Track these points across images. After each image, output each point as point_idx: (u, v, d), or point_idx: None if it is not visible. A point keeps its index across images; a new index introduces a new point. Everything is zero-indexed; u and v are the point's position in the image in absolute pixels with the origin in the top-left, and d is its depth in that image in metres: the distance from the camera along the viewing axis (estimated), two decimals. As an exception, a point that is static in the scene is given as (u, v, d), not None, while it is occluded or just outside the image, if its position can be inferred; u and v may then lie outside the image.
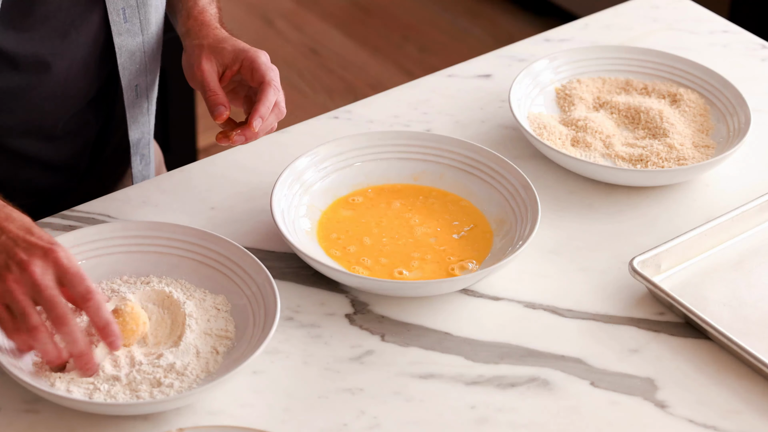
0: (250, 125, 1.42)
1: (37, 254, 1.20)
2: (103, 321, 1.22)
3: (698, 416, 1.27)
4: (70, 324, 1.20)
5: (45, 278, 1.20)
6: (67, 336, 1.21)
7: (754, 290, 1.40)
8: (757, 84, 1.73)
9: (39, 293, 1.20)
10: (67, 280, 1.21)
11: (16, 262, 1.20)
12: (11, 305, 1.20)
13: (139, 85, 1.56)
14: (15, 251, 1.21)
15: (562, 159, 1.54)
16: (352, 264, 1.41)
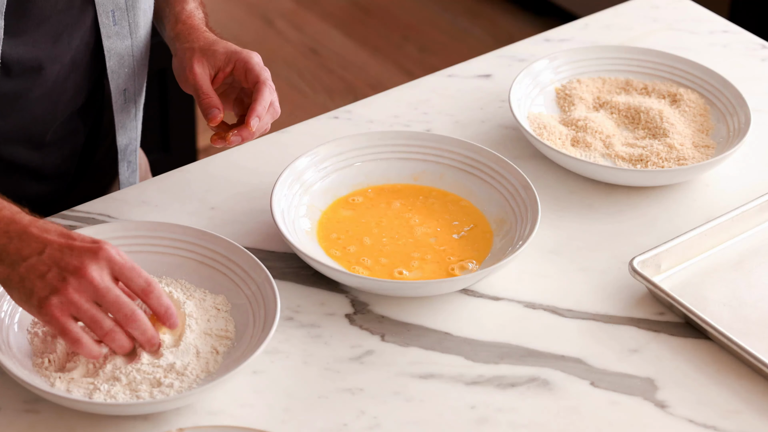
0: (247, 125, 1.42)
1: (89, 258, 1.20)
2: (164, 308, 1.24)
3: (698, 416, 1.27)
4: (139, 319, 1.22)
5: (104, 280, 1.20)
6: (139, 329, 1.22)
7: (754, 290, 1.40)
8: (757, 84, 1.73)
9: (102, 297, 1.19)
10: (125, 276, 1.21)
11: (71, 271, 1.19)
12: (78, 315, 1.20)
13: (128, 89, 1.55)
14: (66, 261, 1.20)
15: (562, 159, 1.54)
16: (352, 264, 1.41)
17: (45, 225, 1.23)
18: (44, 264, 1.20)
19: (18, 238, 1.22)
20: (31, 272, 1.20)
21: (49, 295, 1.19)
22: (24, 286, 1.20)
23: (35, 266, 1.20)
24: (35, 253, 1.21)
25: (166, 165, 1.82)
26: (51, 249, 1.21)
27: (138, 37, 1.53)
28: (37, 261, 1.20)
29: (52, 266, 1.20)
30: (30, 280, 1.20)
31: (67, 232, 1.23)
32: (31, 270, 1.20)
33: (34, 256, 1.21)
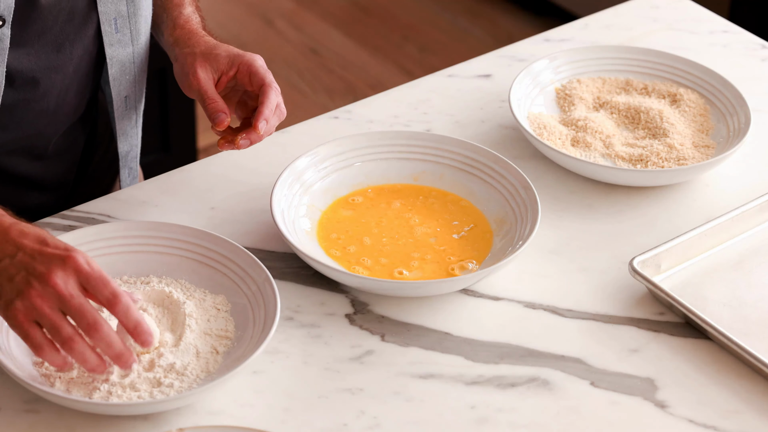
0: (255, 128, 1.42)
1: (56, 264, 1.19)
2: (133, 322, 1.21)
3: (698, 416, 1.27)
4: (103, 329, 1.19)
5: (68, 287, 1.18)
6: (102, 341, 1.19)
7: (754, 290, 1.40)
8: (757, 84, 1.73)
9: (65, 304, 1.18)
10: (90, 286, 1.19)
11: (36, 276, 1.18)
12: (40, 321, 1.19)
13: (129, 96, 1.55)
14: (33, 266, 1.19)
15: (562, 159, 1.54)
16: (352, 264, 1.41)
17: (25, 229, 1.23)
18: (14, 267, 1.20)
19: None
20: (2, 275, 1.20)
21: (14, 299, 1.19)
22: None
23: (6, 269, 1.20)
24: (7, 256, 1.20)
25: (166, 165, 1.82)
26: (23, 253, 1.20)
27: (139, 44, 1.53)
28: (8, 264, 1.20)
29: (21, 270, 1.19)
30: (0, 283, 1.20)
31: (44, 238, 1.21)
32: (2, 273, 1.20)
33: (6, 259, 1.20)
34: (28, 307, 1.18)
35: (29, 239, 1.21)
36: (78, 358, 1.20)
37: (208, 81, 1.46)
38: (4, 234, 1.22)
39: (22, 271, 1.19)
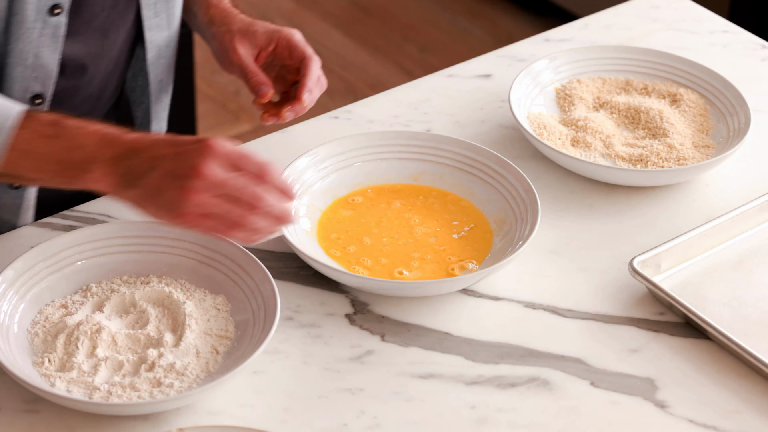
0: (299, 100, 1.46)
1: (198, 157, 1.22)
2: (283, 183, 1.26)
3: (698, 416, 1.27)
4: (264, 196, 1.24)
5: (219, 174, 1.22)
6: (267, 206, 1.25)
7: (754, 290, 1.40)
8: (757, 84, 1.73)
9: (223, 188, 1.22)
10: (238, 164, 1.24)
11: (186, 176, 1.22)
12: (209, 212, 1.23)
13: (163, 80, 1.58)
14: (178, 169, 1.22)
15: (562, 159, 1.54)
16: (352, 264, 1.41)
17: (153, 137, 1.26)
18: (162, 177, 1.23)
19: (132, 157, 1.24)
20: (154, 188, 1.23)
21: (178, 206, 1.22)
22: (154, 202, 1.24)
23: (156, 181, 1.23)
24: (151, 169, 1.23)
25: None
26: (163, 161, 1.23)
27: (172, 28, 1.55)
28: (155, 176, 1.23)
29: (169, 177, 1.23)
30: (156, 196, 1.23)
31: (173, 140, 1.25)
32: (153, 186, 1.23)
33: (151, 172, 1.23)
34: (195, 206, 1.22)
35: (162, 146, 1.25)
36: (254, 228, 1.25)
37: (248, 56, 1.49)
38: (136, 149, 1.25)
39: (171, 179, 1.23)
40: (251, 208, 1.24)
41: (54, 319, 1.32)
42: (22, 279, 1.33)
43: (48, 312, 1.33)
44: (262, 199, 1.24)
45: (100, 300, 1.34)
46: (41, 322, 1.31)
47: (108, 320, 1.31)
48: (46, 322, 1.31)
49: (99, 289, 1.35)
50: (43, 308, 1.33)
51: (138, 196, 1.24)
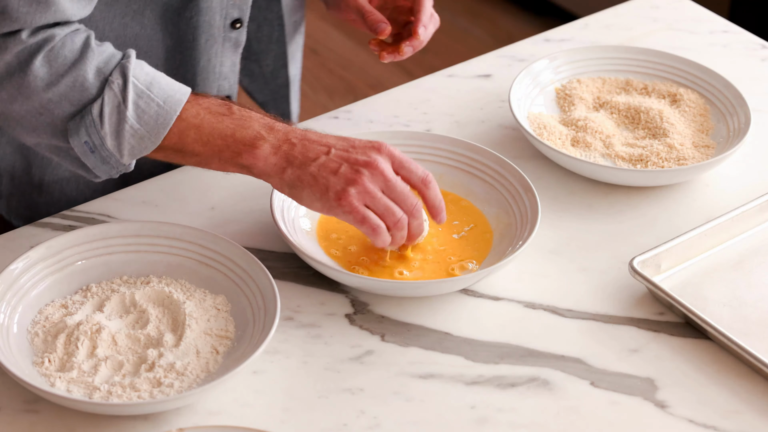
0: (415, 35, 1.51)
1: (375, 152, 1.31)
2: (438, 201, 1.35)
3: (698, 416, 1.27)
4: (420, 210, 1.33)
5: (391, 172, 1.30)
6: (418, 220, 1.33)
7: (754, 290, 1.40)
8: (757, 84, 1.73)
9: (392, 188, 1.31)
10: (404, 170, 1.33)
11: (361, 164, 1.29)
12: (372, 204, 1.30)
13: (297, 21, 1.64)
14: (354, 157, 1.30)
15: (562, 159, 1.54)
16: (351, 264, 1.41)
17: (320, 133, 1.34)
18: (334, 162, 1.29)
19: (301, 143, 1.32)
20: (323, 170, 1.29)
21: (345, 188, 1.29)
22: (318, 183, 1.30)
23: (326, 164, 1.30)
24: (323, 154, 1.31)
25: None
26: (336, 149, 1.31)
27: None
28: (326, 160, 1.30)
29: (343, 163, 1.29)
30: (323, 177, 1.30)
31: (342, 137, 1.34)
32: (323, 168, 1.29)
33: (322, 156, 1.31)
34: (361, 193, 1.29)
35: (332, 139, 1.33)
36: (401, 235, 1.33)
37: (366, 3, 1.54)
38: (306, 137, 1.33)
39: (345, 164, 1.29)
40: (410, 214, 1.31)
41: (54, 319, 1.32)
42: (22, 279, 1.33)
43: (48, 312, 1.33)
44: (419, 211, 1.32)
45: (100, 300, 1.34)
46: (41, 322, 1.32)
47: (108, 320, 1.31)
48: (46, 322, 1.31)
49: (99, 289, 1.35)
50: (43, 308, 1.33)
51: (300, 176, 1.30)
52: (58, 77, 1.30)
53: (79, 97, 1.31)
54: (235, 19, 1.49)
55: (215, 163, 1.34)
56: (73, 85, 1.30)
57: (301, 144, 1.32)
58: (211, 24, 1.47)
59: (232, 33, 1.50)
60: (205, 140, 1.32)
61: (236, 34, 1.50)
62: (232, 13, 1.48)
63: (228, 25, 1.49)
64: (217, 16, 1.47)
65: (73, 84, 1.30)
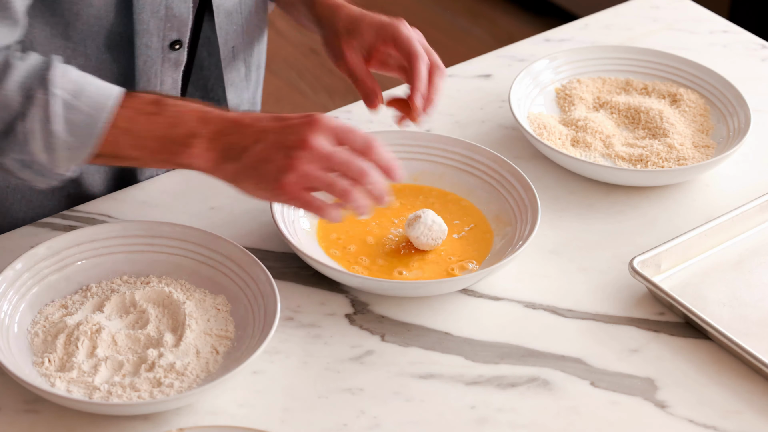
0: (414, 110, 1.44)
1: (307, 130, 1.25)
2: (387, 161, 1.27)
3: (698, 416, 1.27)
4: (371, 171, 1.26)
5: (328, 146, 1.24)
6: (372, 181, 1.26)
7: (754, 290, 1.40)
8: (757, 84, 1.73)
9: (331, 161, 1.24)
10: (344, 139, 1.26)
11: (295, 147, 1.24)
12: (314, 184, 1.24)
13: (236, 47, 1.57)
14: (287, 140, 1.25)
15: (562, 159, 1.54)
16: (351, 264, 1.41)
17: (255, 115, 1.28)
18: (268, 149, 1.25)
19: (235, 132, 1.26)
20: (259, 160, 1.25)
21: (282, 174, 1.24)
22: (256, 174, 1.25)
23: (261, 153, 1.25)
24: (256, 142, 1.26)
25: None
26: (269, 134, 1.25)
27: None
28: (261, 148, 1.25)
29: (276, 148, 1.24)
30: (260, 167, 1.25)
31: (276, 115, 1.28)
32: (258, 157, 1.25)
33: (256, 145, 1.25)
34: (300, 177, 1.24)
35: (266, 121, 1.27)
36: (357, 203, 1.26)
37: (357, 61, 1.47)
38: (239, 124, 1.27)
39: (279, 149, 1.24)
40: (355, 183, 1.25)
41: (54, 319, 1.32)
42: (22, 279, 1.33)
43: (48, 312, 1.33)
44: (367, 174, 1.25)
45: (100, 300, 1.34)
46: (41, 322, 1.31)
47: (108, 320, 1.31)
48: (46, 322, 1.31)
49: (99, 289, 1.35)
50: (43, 308, 1.33)
51: (238, 169, 1.26)
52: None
53: (3, 115, 1.27)
54: (174, 40, 1.45)
55: (155, 165, 1.30)
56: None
57: (236, 132, 1.27)
58: (149, 46, 1.44)
59: (171, 54, 1.46)
60: (139, 144, 1.28)
61: (176, 54, 1.46)
62: (170, 35, 1.44)
63: (167, 46, 1.45)
64: (155, 38, 1.44)
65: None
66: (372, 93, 1.47)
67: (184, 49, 1.47)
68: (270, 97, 3.27)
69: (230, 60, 1.57)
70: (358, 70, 1.47)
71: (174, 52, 1.46)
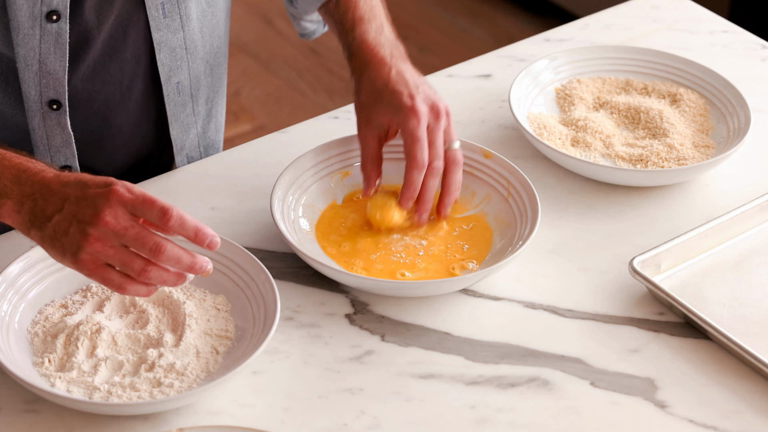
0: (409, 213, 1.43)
1: (101, 204, 1.20)
2: (192, 230, 1.21)
3: (698, 416, 1.27)
4: (166, 248, 1.20)
5: (120, 222, 1.19)
6: (170, 260, 1.20)
7: (754, 290, 1.40)
8: (757, 84, 1.73)
9: (123, 238, 1.19)
10: (138, 212, 1.20)
11: (87, 222, 1.19)
12: (109, 262, 1.20)
13: (181, 83, 1.54)
14: (81, 213, 1.20)
15: (562, 159, 1.54)
16: (351, 264, 1.41)
17: (65, 178, 1.23)
18: (66, 220, 1.21)
19: (42, 197, 1.23)
20: (57, 231, 1.21)
21: (77, 251, 1.20)
22: (55, 246, 1.22)
23: (59, 224, 1.21)
24: (57, 211, 1.22)
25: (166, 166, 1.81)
26: (69, 204, 1.21)
27: (191, 30, 1.52)
28: (59, 219, 1.21)
29: (72, 221, 1.20)
30: (58, 240, 1.21)
31: (84, 181, 1.22)
32: (57, 229, 1.21)
33: (56, 215, 1.21)
34: (94, 254, 1.20)
35: (71, 187, 1.22)
36: (157, 281, 1.21)
37: (366, 142, 1.44)
38: (47, 188, 1.23)
39: (73, 222, 1.20)
40: (152, 258, 1.20)
41: (54, 319, 1.32)
42: (22, 279, 1.33)
43: (48, 312, 1.33)
44: (161, 251, 1.19)
45: (100, 300, 1.34)
46: (41, 322, 1.32)
47: (108, 320, 1.31)
48: (46, 322, 1.31)
49: (99, 289, 1.35)
50: (43, 308, 1.33)
51: (43, 237, 1.22)
52: None
53: None
54: (52, 99, 1.44)
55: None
56: None
57: (42, 199, 1.22)
58: (28, 97, 1.43)
59: (51, 113, 1.45)
60: None
61: (56, 114, 1.45)
62: (47, 93, 1.43)
63: (45, 103, 1.44)
64: (32, 91, 1.43)
65: None
66: (366, 181, 1.44)
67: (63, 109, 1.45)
68: (270, 97, 3.27)
69: (175, 96, 1.55)
70: (364, 152, 1.45)
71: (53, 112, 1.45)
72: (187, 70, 1.54)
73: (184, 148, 1.60)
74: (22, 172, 1.24)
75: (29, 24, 1.39)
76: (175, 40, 1.51)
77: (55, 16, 1.39)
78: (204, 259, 1.22)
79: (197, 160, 1.63)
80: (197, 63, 1.55)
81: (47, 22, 1.39)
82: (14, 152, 1.28)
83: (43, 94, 1.44)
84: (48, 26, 1.40)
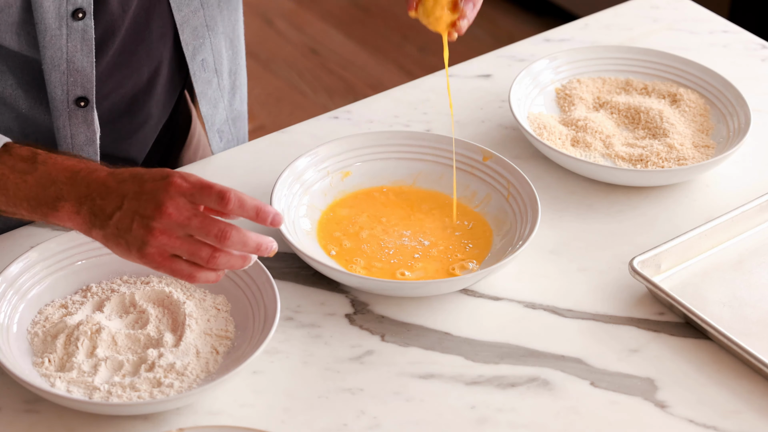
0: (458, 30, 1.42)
1: (161, 197, 1.20)
2: (252, 210, 1.21)
3: (698, 416, 1.27)
4: (231, 233, 1.20)
5: (182, 212, 1.20)
6: (237, 244, 1.20)
7: (754, 290, 1.40)
8: (757, 84, 1.73)
9: (187, 228, 1.20)
10: (197, 199, 1.20)
11: (150, 216, 1.20)
12: (177, 253, 1.21)
13: (205, 59, 1.56)
14: (142, 208, 1.20)
15: (562, 159, 1.54)
16: (351, 264, 1.41)
17: (121, 174, 1.24)
18: (128, 217, 1.21)
19: (100, 197, 1.23)
20: (120, 228, 1.21)
21: (143, 246, 1.20)
22: (120, 244, 1.22)
23: (121, 221, 1.21)
24: (117, 209, 1.22)
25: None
26: (128, 200, 1.21)
27: (210, 6, 1.53)
28: (120, 216, 1.21)
29: (134, 217, 1.21)
30: (122, 236, 1.21)
31: (140, 176, 1.23)
32: (119, 226, 1.21)
33: (117, 212, 1.22)
34: (160, 247, 1.20)
35: (128, 183, 1.23)
36: (225, 266, 1.22)
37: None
38: (104, 187, 1.23)
39: (135, 218, 1.20)
40: (219, 245, 1.20)
41: (54, 319, 1.32)
42: (22, 279, 1.33)
43: (48, 312, 1.33)
44: (226, 237, 1.20)
45: (100, 300, 1.34)
46: (41, 322, 1.32)
47: (108, 320, 1.31)
48: (46, 322, 1.31)
49: (99, 289, 1.35)
50: (43, 308, 1.33)
51: (106, 236, 1.23)
52: None
53: None
54: (79, 96, 1.45)
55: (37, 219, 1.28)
56: None
57: (100, 198, 1.23)
58: (54, 97, 1.44)
59: (78, 110, 1.46)
60: (13, 203, 1.26)
61: (82, 112, 1.46)
62: (74, 91, 1.44)
63: (72, 101, 1.45)
64: (59, 91, 1.44)
65: None
66: None
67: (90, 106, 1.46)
68: (270, 97, 3.27)
69: (201, 73, 1.57)
70: None
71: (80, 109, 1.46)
72: (210, 46, 1.56)
73: (215, 123, 1.62)
74: (75, 174, 1.25)
75: (56, 25, 1.39)
76: (197, 18, 1.53)
77: (80, 13, 1.40)
78: (268, 239, 1.23)
79: (228, 134, 1.65)
80: (218, 38, 1.57)
81: (73, 20, 1.40)
82: (58, 153, 1.28)
83: (69, 93, 1.45)
84: (74, 24, 1.40)
